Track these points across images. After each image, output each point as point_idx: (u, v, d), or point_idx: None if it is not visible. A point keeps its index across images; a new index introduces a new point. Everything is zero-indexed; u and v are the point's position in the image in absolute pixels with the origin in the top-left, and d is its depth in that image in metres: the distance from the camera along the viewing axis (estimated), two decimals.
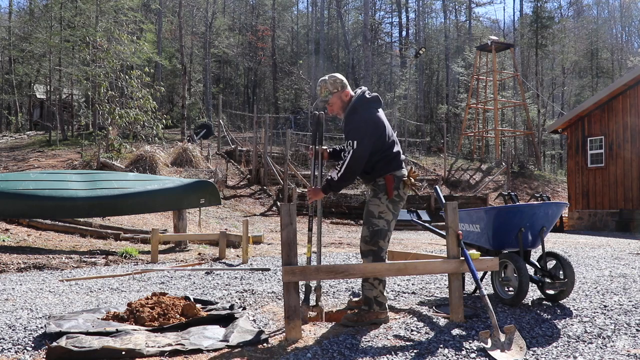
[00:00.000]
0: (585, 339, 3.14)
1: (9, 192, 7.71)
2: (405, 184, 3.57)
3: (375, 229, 3.52)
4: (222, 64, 42.93)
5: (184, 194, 8.80)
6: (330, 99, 3.63)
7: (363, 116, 3.51)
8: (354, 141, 3.43)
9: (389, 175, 3.53)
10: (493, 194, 21.38)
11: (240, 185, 18.76)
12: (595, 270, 5.49)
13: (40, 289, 5.18)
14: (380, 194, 3.54)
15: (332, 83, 3.61)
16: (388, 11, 48.99)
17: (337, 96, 3.62)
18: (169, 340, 3.12)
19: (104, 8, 24.67)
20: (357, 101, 3.57)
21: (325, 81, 3.62)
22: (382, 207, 3.53)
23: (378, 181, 3.56)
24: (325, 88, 3.62)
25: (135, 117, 17.77)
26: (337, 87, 3.61)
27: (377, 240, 3.52)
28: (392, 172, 3.55)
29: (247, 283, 5.30)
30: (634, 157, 15.38)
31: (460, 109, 37.36)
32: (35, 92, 33.66)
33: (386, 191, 3.53)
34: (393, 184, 3.53)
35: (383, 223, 3.53)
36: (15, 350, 3.04)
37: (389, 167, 3.55)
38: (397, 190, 3.55)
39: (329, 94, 3.62)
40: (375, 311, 3.51)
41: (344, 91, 3.63)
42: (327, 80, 3.63)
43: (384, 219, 3.54)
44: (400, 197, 3.58)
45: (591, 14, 53.71)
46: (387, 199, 3.53)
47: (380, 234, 3.53)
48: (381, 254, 3.54)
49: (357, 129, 3.47)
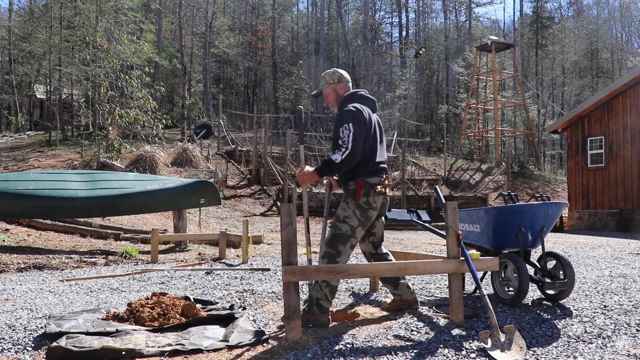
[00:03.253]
0: (585, 339, 3.14)
1: (9, 192, 7.71)
2: (376, 192, 3.47)
3: (337, 232, 3.48)
4: (222, 64, 42.94)
5: (184, 194, 8.79)
6: (325, 89, 3.69)
7: (352, 107, 3.49)
8: (350, 124, 3.39)
9: (360, 180, 3.46)
10: (493, 194, 21.38)
11: (240, 185, 18.76)
12: (595, 270, 5.49)
13: (40, 289, 5.18)
14: (349, 198, 3.49)
15: (330, 74, 3.69)
16: (388, 11, 49.04)
17: (332, 87, 3.67)
18: (169, 340, 3.12)
19: (104, 8, 24.68)
20: (352, 95, 3.62)
21: (325, 73, 3.72)
22: (348, 212, 3.48)
23: (349, 185, 3.51)
24: (323, 79, 3.71)
25: (135, 117, 17.78)
26: (335, 78, 3.66)
27: (336, 244, 3.48)
28: (364, 177, 3.47)
29: (247, 283, 5.30)
30: (634, 157, 15.38)
31: (460, 109, 37.36)
32: (35, 92, 33.66)
33: (354, 196, 3.46)
34: (363, 190, 3.45)
35: (346, 228, 3.47)
36: (15, 350, 3.04)
37: (362, 172, 3.47)
38: (367, 197, 3.46)
39: (325, 84, 3.69)
40: (314, 313, 3.47)
41: (340, 84, 3.66)
42: (328, 72, 3.72)
43: (347, 223, 3.47)
44: (369, 204, 3.48)
45: (591, 14, 53.74)
46: (354, 204, 3.46)
47: (340, 238, 3.48)
48: (337, 259, 3.48)
49: (348, 114, 3.44)
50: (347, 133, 3.37)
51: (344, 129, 3.39)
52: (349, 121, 3.40)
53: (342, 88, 3.66)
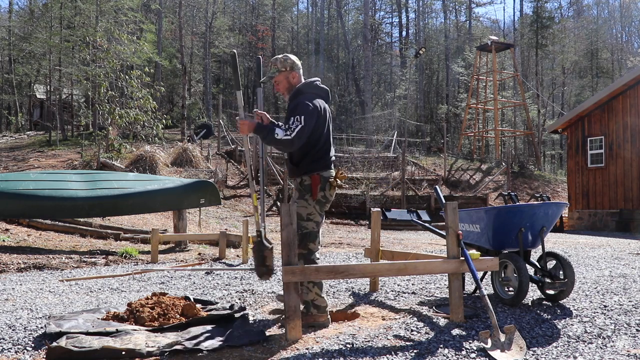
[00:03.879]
0: (585, 339, 3.14)
1: (9, 192, 7.71)
2: (331, 185, 3.48)
3: (305, 232, 3.44)
4: (222, 64, 42.93)
5: (184, 194, 8.80)
6: (276, 77, 3.57)
7: (309, 98, 3.45)
8: (302, 116, 3.34)
9: (316, 174, 3.45)
10: (493, 194, 21.38)
11: (240, 185, 18.76)
12: (595, 270, 5.49)
13: (40, 289, 5.18)
14: (307, 195, 3.47)
15: (281, 61, 3.56)
16: (388, 11, 49.07)
17: (284, 75, 3.56)
18: (169, 340, 3.12)
19: (104, 8, 24.67)
20: (305, 85, 3.55)
21: (277, 59, 3.59)
22: (309, 209, 3.46)
23: (304, 180, 3.48)
24: (274, 65, 3.57)
25: (135, 117, 17.78)
26: (286, 66, 3.55)
27: (307, 243, 3.46)
28: (319, 171, 3.46)
29: (247, 283, 5.30)
30: (634, 157, 15.38)
31: (460, 109, 37.36)
32: (35, 92, 33.67)
33: (311, 192, 3.45)
34: (319, 185, 3.45)
35: (312, 225, 3.47)
36: (15, 350, 3.04)
37: (317, 165, 3.46)
38: (323, 192, 3.47)
39: (276, 71, 3.56)
40: (312, 314, 3.46)
41: (292, 72, 3.57)
42: (279, 57, 3.59)
43: (312, 220, 3.47)
44: (326, 198, 3.50)
45: (591, 14, 53.73)
46: (313, 200, 3.45)
47: (309, 237, 3.46)
48: (311, 257, 3.47)
49: (299, 108, 3.39)
50: (297, 126, 3.33)
51: (296, 120, 3.35)
52: (303, 114, 3.36)
53: (295, 76, 3.58)
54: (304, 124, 3.33)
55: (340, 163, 23.68)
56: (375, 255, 4.54)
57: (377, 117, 35.51)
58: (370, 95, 35.87)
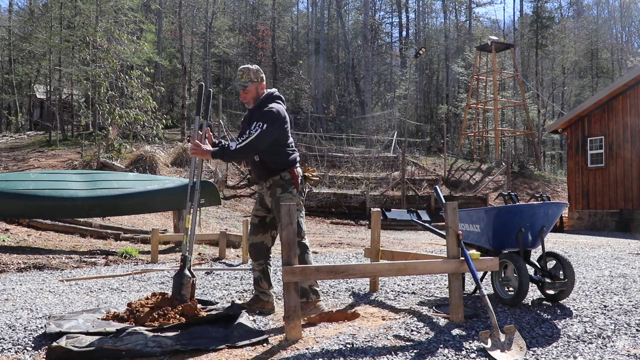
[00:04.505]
0: (585, 339, 3.14)
1: (9, 192, 7.71)
2: (306, 179, 3.82)
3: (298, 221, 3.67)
4: (222, 64, 42.92)
5: (184, 194, 8.79)
6: (249, 86, 3.76)
7: (275, 107, 3.67)
8: (264, 124, 3.55)
9: (293, 169, 3.74)
10: (493, 194, 21.38)
11: (240, 185, 18.76)
12: (595, 270, 5.49)
13: (40, 289, 5.18)
14: (290, 187, 3.71)
15: (254, 72, 3.77)
16: (388, 11, 49.07)
17: (255, 86, 3.77)
18: (169, 340, 3.12)
19: (104, 8, 24.67)
20: (270, 96, 3.78)
21: (250, 69, 3.77)
22: (296, 199, 3.69)
23: (284, 176, 3.71)
24: (247, 75, 3.75)
25: (135, 117, 17.78)
26: (258, 78, 3.79)
27: (301, 233, 3.71)
28: (293, 167, 3.75)
29: (247, 283, 5.30)
30: (634, 157, 15.38)
31: (460, 109, 37.37)
32: (35, 92, 33.67)
33: (294, 184, 3.71)
34: (299, 178, 3.75)
35: (300, 215, 3.72)
36: (15, 350, 3.04)
37: (291, 162, 3.74)
38: (302, 185, 3.78)
39: (249, 82, 3.75)
40: (312, 301, 3.67)
41: (262, 84, 3.81)
42: (252, 69, 3.77)
43: (300, 211, 3.74)
44: (303, 191, 3.81)
45: (591, 14, 53.73)
46: (296, 192, 3.72)
47: (302, 226, 3.72)
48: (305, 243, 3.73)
49: (269, 115, 3.61)
50: (257, 130, 3.54)
51: (257, 125, 3.56)
52: (265, 121, 3.57)
53: (262, 87, 3.83)
54: (264, 128, 3.54)
55: (341, 163, 23.68)
56: (375, 255, 4.54)
57: (377, 117, 35.51)
58: (370, 95, 35.87)
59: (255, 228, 3.91)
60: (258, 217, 3.91)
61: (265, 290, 3.90)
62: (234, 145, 3.57)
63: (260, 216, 3.89)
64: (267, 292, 3.90)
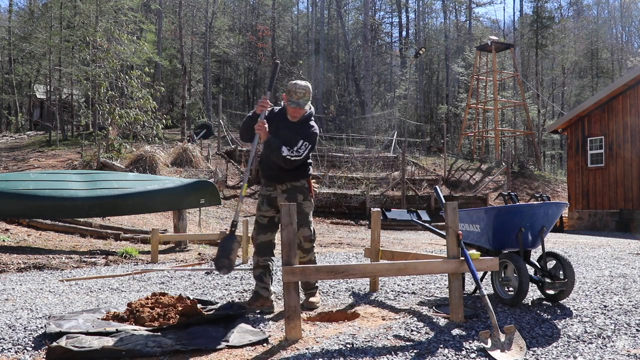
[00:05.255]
0: (585, 339, 3.14)
1: (9, 192, 7.71)
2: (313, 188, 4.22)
3: (312, 226, 4.07)
4: (222, 64, 42.92)
5: (184, 194, 8.80)
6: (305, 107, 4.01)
7: (316, 129, 4.04)
8: (310, 144, 3.91)
9: (310, 178, 4.13)
10: (493, 194, 21.38)
11: (240, 186, 18.75)
12: (595, 270, 5.49)
13: (40, 289, 5.18)
14: (308, 195, 4.08)
15: (309, 93, 3.99)
16: (388, 11, 49.06)
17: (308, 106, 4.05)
18: (169, 340, 3.12)
19: (104, 8, 24.66)
20: (312, 114, 4.09)
21: (310, 89, 3.99)
22: (311, 206, 4.11)
23: (303, 184, 4.05)
24: (309, 94, 3.97)
25: (135, 117, 17.77)
26: (310, 99, 4.05)
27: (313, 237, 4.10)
28: (310, 177, 4.14)
29: (247, 283, 5.30)
30: (634, 157, 15.38)
31: (460, 109, 37.37)
32: (35, 92, 33.67)
33: (309, 192, 4.08)
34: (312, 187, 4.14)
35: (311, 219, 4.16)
36: (15, 350, 3.04)
37: (310, 173, 4.12)
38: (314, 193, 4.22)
39: (305, 103, 3.96)
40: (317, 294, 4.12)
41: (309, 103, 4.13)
42: (308, 88, 3.98)
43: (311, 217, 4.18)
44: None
45: (591, 14, 53.71)
46: (311, 198, 4.11)
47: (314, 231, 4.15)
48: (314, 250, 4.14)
49: (314, 137, 3.98)
50: (305, 149, 3.87)
51: (304, 144, 3.87)
52: (312, 142, 3.94)
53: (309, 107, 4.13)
54: (310, 148, 3.92)
55: (340, 163, 23.68)
56: (375, 255, 4.54)
57: (377, 117, 35.51)
58: (370, 95, 35.86)
59: (264, 228, 4.05)
60: (267, 218, 4.05)
61: (267, 285, 4.00)
62: (286, 151, 3.80)
63: (269, 216, 4.05)
64: (269, 288, 4.01)
